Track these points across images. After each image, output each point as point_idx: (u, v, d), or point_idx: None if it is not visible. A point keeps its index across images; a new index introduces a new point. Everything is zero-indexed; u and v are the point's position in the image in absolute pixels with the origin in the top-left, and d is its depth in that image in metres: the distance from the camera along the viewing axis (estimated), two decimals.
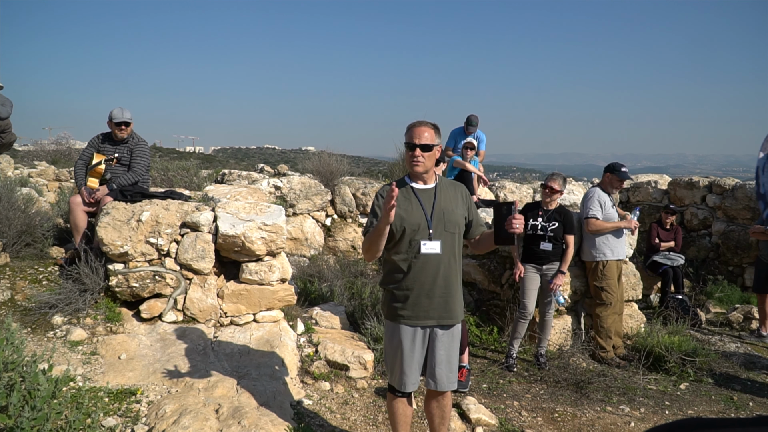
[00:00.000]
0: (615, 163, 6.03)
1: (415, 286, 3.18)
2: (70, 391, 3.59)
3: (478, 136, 8.71)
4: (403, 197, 3.21)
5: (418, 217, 3.16)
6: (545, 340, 5.71)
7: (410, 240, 3.16)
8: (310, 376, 4.71)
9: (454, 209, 3.24)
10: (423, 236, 3.15)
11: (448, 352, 3.27)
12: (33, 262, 5.27)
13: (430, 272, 3.16)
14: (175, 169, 9.11)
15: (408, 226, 3.14)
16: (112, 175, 5.50)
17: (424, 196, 3.23)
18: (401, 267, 3.19)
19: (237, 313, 4.88)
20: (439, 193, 3.25)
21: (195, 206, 5.04)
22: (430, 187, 3.27)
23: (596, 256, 5.86)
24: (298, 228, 8.90)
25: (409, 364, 3.23)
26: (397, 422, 3.42)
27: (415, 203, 3.20)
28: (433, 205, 3.20)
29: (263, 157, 62.73)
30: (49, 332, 4.42)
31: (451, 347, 3.29)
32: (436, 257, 3.16)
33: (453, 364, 3.30)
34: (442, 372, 3.26)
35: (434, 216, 3.18)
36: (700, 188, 10.18)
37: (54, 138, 16.12)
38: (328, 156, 10.40)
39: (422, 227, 3.16)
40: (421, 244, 3.14)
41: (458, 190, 3.35)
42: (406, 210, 3.17)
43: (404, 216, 3.15)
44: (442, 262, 3.17)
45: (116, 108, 5.52)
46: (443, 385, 3.28)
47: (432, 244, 3.15)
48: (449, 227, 3.20)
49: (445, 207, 3.22)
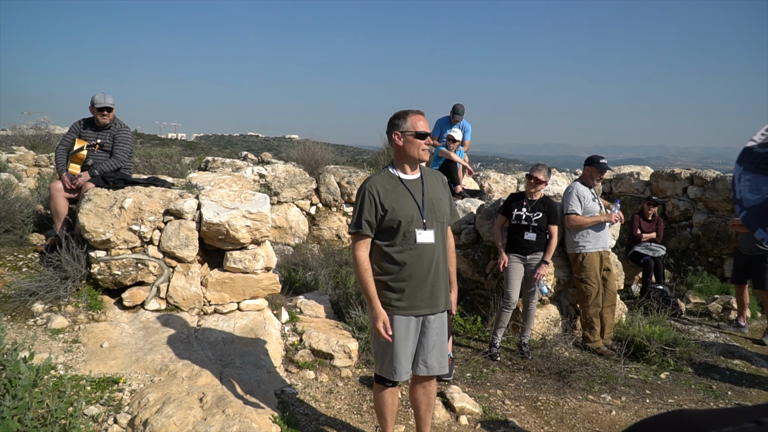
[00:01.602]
0: (594, 155, 6.10)
1: (412, 277, 3.16)
2: (51, 380, 3.55)
3: (463, 126, 8.70)
4: (392, 188, 3.19)
5: (410, 208, 3.15)
6: (528, 329, 5.74)
7: (405, 232, 3.14)
8: (294, 364, 4.70)
9: (442, 198, 3.29)
10: (417, 226, 3.15)
11: (440, 338, 3.31)
12: (12, 248, 5.19)
13: (425, 262, 3.16)
14: (157, 156, 9.00)
15: (403, 219, 3.12)
16: (94, 161, 5.41)
17: (412, 186, 3.23)
18: (396, 259, 3.16)
19: (221, 301, 4.85)
20: (426, 183, 3.27)
21: (178, 193, 4.99)
22: (417, 177, 3.27)
23: (576, 248, 5.92)
24: (282, 216, 8.85)
25: (404, 353, 3.21)
26: (385, 412, 3.41)
27: (405, 194, 3.18)
28: (423, 195, 3.21)
29: (246, 145, 62.26)
30: (29, 320, 4.36)
31: (442, 332, 3.33)
32: (431, 246, 3.18)
33: (444, 349, 3.35)
34: (434, 357, 3.29)
35: (425, 205, 3.19)
36: (682, 180, 10.28)
37: (33, 123, 15.83)
38: (313, 144, 10.33)
39: (416, 218, 3.15)
40: (416, 234, 3.14)
41: (439, 179, 3.40)
42: (397, 202, 3.14)
43: (397, 208, 3.12)
44: (436, 251, 3.20)
45: (98, 93, 5.42)
46: (435, 370, 3.31)
47: (427, 234, 3.16)
48: (439, 216, 3.23)
49: (433, 196, 3.24)
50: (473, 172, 9.20)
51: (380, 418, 3.48)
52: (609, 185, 11.52)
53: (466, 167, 8.45)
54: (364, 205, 3.14)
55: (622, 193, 11.16)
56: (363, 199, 3.15)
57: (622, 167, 11.87)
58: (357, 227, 3.15)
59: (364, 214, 3.13)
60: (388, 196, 3.14)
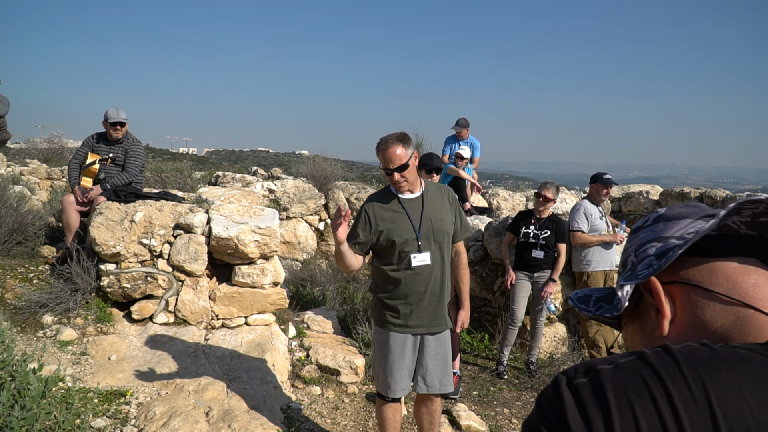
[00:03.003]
0: (598, 172, 6.14)
1: (407, 297, 3.17)
2: (59, 391, 3.57)
3: (472, 143, 8.72)
4: (391, 209, 3.19)
5: (406, 230, 3.14)
6: (536, 347, 5.72)
7: (400, 252, 3.15)
8: (300, 380, 4.70)
9: (443, 217, 3.22)
10: (412, 248, 3.14)
11: (441, 356, 3.28)
12: (24, 260, 5.24)
13: (421, 283, 3.15)
14: (168, 171, 9.09)
15: (397, 239, 3.12)
16: (106, 175, 5.48)
17: (411, 206, 3.20)
18: (392, 278, 3.18)
19: (229, 315, 4.87)
20: (426, 202, 3.21)
21: (188, 208, 5.03)
22: (417, 196, 3.23)
23: (581, 266, 5.91)
24: (291, 232, 8.89)
25: (399, 370, 3.22)
26: (386, 428, 3.41)
27: (401, 214, 3.17)
28: (421, 216, 3.17)
29: (257, 160, 62.62)
30: (39, 332, 4.39)
31: (442, 351, 3.29)
32: (428, 268, 3.15)
33: (446, 368, 3.31)
34: (434, 376, 3.27)
35: (422, 227, 3.15)
36: (692, 199, 10.24)
37: (46, 136, 16.04)
38: (322, 160, 10.39)
39: (411, 239, 3.14)
40: (411, 258, 3.13)
41: (445, 195, 3.32)
42: (394, 222, 3.15)
43: (392, 228, 3.13)
44: (433, 272, 3.17)
45: (112, 108, 5.51)
46: (435, 388, 3.28)
47: (422, 256, 3.14)
48: (438, 236, 3.18)
49: (433, 216, 3.19)
50: (482, 190, 9.22)
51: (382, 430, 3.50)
52: (618, 204, 11.50)
53: (474, 184, 8.47)
54: (358, 224, 3.19)
55: (631, 212, 11.13)
56: (359, 217, 3.21)
57: (632, 186, 11.85)
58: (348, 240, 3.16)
59: (357, 232, 3.17)
60: (384, 216, 3.16)
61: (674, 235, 0.84)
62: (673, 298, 0.83)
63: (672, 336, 0.81)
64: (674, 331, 0.82)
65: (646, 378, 0.64)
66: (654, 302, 0.84)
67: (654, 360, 0.66)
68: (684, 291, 0.82)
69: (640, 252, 0.88)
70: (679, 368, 0.64)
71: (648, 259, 0.86)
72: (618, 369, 0.66)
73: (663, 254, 0.83)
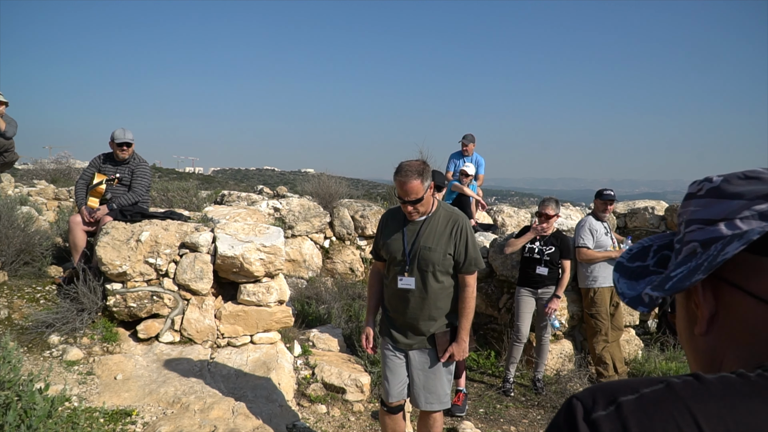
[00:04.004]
0: (600, 189, 6.18)
1: (391, 310, 3.37)
2: (65, 411, 3.57)
3: (477, 160, 8.76)
4: (395, 227, 3.34)
5: (397, 251, 3.29)
6: (542, 364, 5.69)
7: (390, 268, 3.33)
8: (306, 398, 4.69)
9: (434, 248, 3.20)
10: (401, 271, 3.27)
11: (426, 374, 3.35)
12: (31, 280, 5.27)
13: (403, 303, 3.30)
14: (174, 190, 9.14)
15: (388, 257, 3.32)
16: (112, 194, 5.53)
17: (410, 229, 3.29)
18: (386, 291, 3.41)
19: (234, 334, 4.88)
20: (424, 228, 3.24)
21: (194, 227, 5.06)
22: (420, 221, 3.27)
23: (587, 283, 5.90)
24: (296, 250, 8.91)
25: (391, 377, 3.40)
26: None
27: (399, 236, 3.30)
28: (414, 242, 3.24)
29: (262, 179, 62.90)
30: (45, 351, 4.41)
31: (427, 370, 3.35)
32: (410, 292, 3.27)
33: (432, 386, 3.35)
34: (420, 393, 3.37)
35: (412, 252, 3.24)
36: None
37: (54, 157, 16.16)
38: (327, 178, 10.43)
39: (399, 261, 3.28)
40: (398, 279, 3.28)
41: (450, 226, 3.26)
42: (391, 239, 3.31)
43: (389, 244, 3.31)
44: (413, 297, 3.26)
45: (118, 129, 5.57)
46: (420, 405, 3.40)
47: (407, 280, 3.26)
48: (422, 265, 3.22)
49: (424, 244, 3.21)
50: (486, 206, 9.23)
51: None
52: (624, 219, 11.47)
53: (479, 201, 8.48)
54: (377, 233, 3.46)
55: (636, 227, 11.10)
56: (377, 228, 3.48)
57: (637, 201, 11.82)
58: (372, 252, 3.51)
59: (376, 241, 3.45)
60: (388, 231, 3.35)
61: (729, 217, 0.73)
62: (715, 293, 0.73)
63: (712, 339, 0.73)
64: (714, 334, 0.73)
65: (677, 417, 0.57)
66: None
67: (685, 394, 0.59)
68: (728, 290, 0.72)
69: (687, 232, 0.78)
70: (717, 408, 0.57)
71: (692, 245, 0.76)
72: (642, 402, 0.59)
73: (709, 243, 0.73)
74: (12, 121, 7.54)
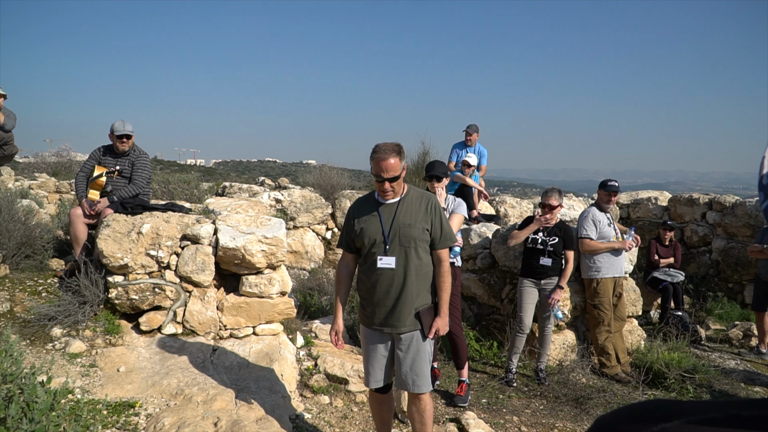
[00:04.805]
0: (604, 179, 6.13)
1: (372, 296, 3.39)
2: (68, 404, 3.58)
3: (479, 151, 8.72)
4: (368, 212, 3.41)
5: (375, 233, 3.34)
6: (545, 355, 5.69)
7: (368, 253, 3.37)
8: (309, 389, 4.69)
9: (413, 224, 3.33)
10: (380, 251, 3.33)
11: (412, 356, 3.40)
12: (33, 273, 5.27)
13: (384, 284, 3.33)
14: (176, 182, 9.12)
15: (367, 240, 3.35)
16: (113, 187, 5.51)
17: (385, 211, 3.38)
18: (362, 278, 3.45)
19: (236, 325, 4.87)
20: (401, 208, 3.37)
21: (195, 219, 5.05)
22: (394, 202, 3.39)
23: (591, 273, 5.88)
24: (298, 241, 8.90)
25: (372, 363, 3.49)
26: (374, 416, 3.76)
27: (375, 218, 3.37)
28: (392, 221, 3.33)
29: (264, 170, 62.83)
30: (48, 344, 4.41)
31: (412, 352, 3.40)
32: (391, 271, 3.31)
33: (419, 368, 3.41)
34: (407, 375, 3.41)
35: (392, 231, 3.32)
36: (701, 205, 10.19)
37: (55, 150, 16.14)
38: (329, 169, 10.42)
39: (378, 242, 3.33)
40: (377, 259, 3.32)
41: (423, 203, 3.42)
42: (366, 224, 3.37)
43: (364, 229, 3.36)
44: (396, 276, 3.32)
45: (118, 121, 5.55)
46: (408, 387, 3.44)
47: (387, 260, 3.31)
48: (404, 242, 3.31)
49: (403, 222, 3.33)
50: (489, 197, 9.20)
51: (374, 422, 3.83)
52: (627, 210, 11.45)
53: (481, 192, 8.45)
54: (345, 226, 3.52)
55: (639, 218, 11.08)
56: (345, 219, 3.53)
57: (640, 192, 11.80)
58: (339, 244, 3.59)
59: (344, 233, 3.50)
60: (360, 218, 3.41)
61: None
62: None
63: None
64: None
65: None
66: None
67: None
68: None
69: None
70: None
71: None
72: None
73: None
74: (11, 114, 7.52)
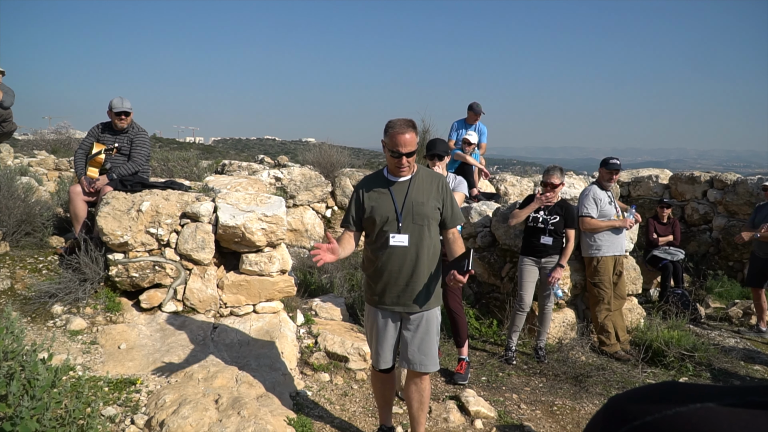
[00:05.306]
0: (606, 157, 6.08)
1: (382, 275, 3.34)
2: (69, 381, 3.59)
3: (479, 128, 8.66)
4: (379, 190, 3.35)
5: (387, 210, 3.28)
6: (544, 333, 5.71)
7: (379, 231, 3.31)
8: (309, 367, 4.71)
9: (425, 201, 3.30)
10: (392, 229, 3.28)
11: (421, 336, 3.39)
12: (33, 251, 5.26)
13: (396, 263, 3.29)
14: (175, 160, 9.08)
15: (378, 218, 3.29)
16: (112, 164, 5.48)
17: (397, 189, 3.33)
18: (372, 256, 3.38)
19: (237, 303, 4.88)
20: (412, 186, 3.33)
21: (195, 197, 5.03)
22: (405, 180, 3.35)
23: (591, 252, 5.88)
24: (298, 219, 8.89)
25: (382, 344, 3.44)
26: (377, 396, 3.75)
27: (387, 196, 3.32)
28: (405, 198, 3.29)
29: (263, 148, 62.63)
30: (48, 321, 4.42)
31: (421, 332, 3.39)
32: (403, 249, 3.28)
33: (427, 348, 3.40)
34: (414, 354, 3.40)
35: (404, 209, 3.28)
36: (701, 183, 10.16)
37: (54, 127, 16.07)
38: (329, 147, 10.36)
39: (391, 219, 3.28)
40: (390, 237, 3.27)
41: (434, 182, 3.39)
42: (377, 202, 3.31)
43: (376, 207, 3.30)
44: (409, 254, 3.28)
45: (116, 98, 5.49)
46: (416, 366, 3.41)
47: (400, 237, 3.27)
48: (417, 219, 3.28)
49: (415, 199, 3.29)
50: (489, 175, 9.17)
51: (375, 398, 3.85)
52: (627, 188, 11.42)
53: (481, 170, 8.42)
54: (352, 203, 3.43)
55: (640, 196, 11.05)
56: (351, 197, 3.45)
57: (641, 170, 11.76)
58: (344, 223, 3.48)
59: (351, 210, 3.41)
60: (371, 196, 3.35)
61: None
62: None
63: None
64: None
65: None
66: None
67: None
68: None
69: None
70: None
71: None
72: None
73: None
74: (9, 91, 7.45)
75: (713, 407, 0.56)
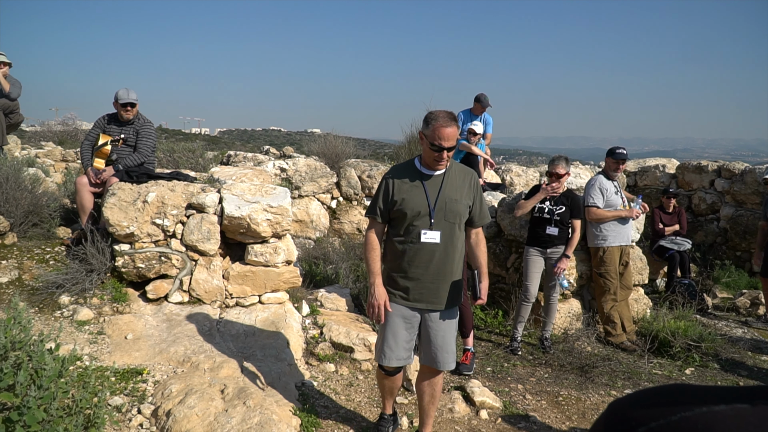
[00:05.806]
0: (612, 147, 6.02)
1: (408, 270, 3.24)
2: (76, 371, 3.62)
3: (484, 119, 8.61)
4: (410, 182, 3.23)
5: (420, 205, 3.18)
6: (550, 323, 5.70)
7: (409, 225, 3.20)
8: (315, 357, 4.73)
9: (459, 199, 3.23)
10: (424, 225, 3.18)
11: (443, 334, 3.34)
12: (40, 242, 5.29)
13: (424, 259, 3.20)
14: (180, 151, 9.09)
15: (409, 212, 3.18)
16: (118, 155, 5.49)
17: (430, 183, 3.23)
18: (398, 250, 3.25)
19: (242, 294, 4.90)
20: (446, 181, 3.23)
21: (201, 187, 5.04)
22: (439, 174, 3.25)
23: (597, 242, 5.85)
24: (303, 210, 8.89)
25: (395, 339, 3.32)
26: (383, 390, 3.67)
27: (419, 190, 3.21)
28: (438, 194, 3.19)
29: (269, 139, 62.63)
30: (56, 312, 4.44)
31: (443, 330, 3.34)
32: (434, 246, 3.20)
33: (448, 345, 3.36)
34: (437, 352, 3.34)
35: (437, 205, 3.18)
36: (709, 172, 10.10)
37: (61, 119, 16.10)
38: (334, 138, 10.34)
39: (423, 215, 3.18)
40: (421, 233, 3.18)
41: (467, 179, 3.31)
42: (409, 194, 3.19)
43: (407, 200, 3.18)
44: (438, 251, 3.21)
45: (122, 89, 5.50)
46: (438, 364, 3.36)
47: (432, 234, 3.18)
48: (449, 217, 3.21)
49: (449, 196, 3.21)
50: (495, 165, 9.14)
51: (381, 393, 3.74)
52: (634, 178, 11.36)
53: (487, 160, 8.39)
54: (380, 193, 3.28)
55: (647, 186, 11.00)
56: (380, 187, 3.30)
57: (648, 160, 11.69)
58: (371, 212, 3.32)
59: (379, 201, 3.27)
60: (402, 187, 3.22)
61: None
62: None
63: None
64: None
65: None
66: None
67: None
68: None
69: None
70: None
71: None
72: None
73: None
74: (16, 82, 7.47)
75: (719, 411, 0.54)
